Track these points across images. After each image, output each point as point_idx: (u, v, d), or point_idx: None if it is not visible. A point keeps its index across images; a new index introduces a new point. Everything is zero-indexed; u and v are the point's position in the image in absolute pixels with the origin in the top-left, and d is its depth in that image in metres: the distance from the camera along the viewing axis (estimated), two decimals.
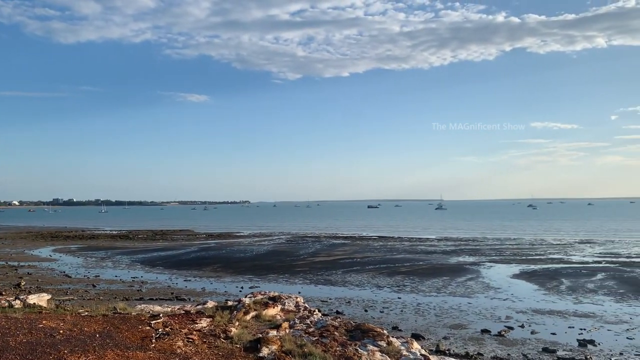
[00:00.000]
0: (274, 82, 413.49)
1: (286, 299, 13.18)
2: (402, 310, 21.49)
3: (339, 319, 11.45)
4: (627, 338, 17.07)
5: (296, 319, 11.09)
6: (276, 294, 13.73)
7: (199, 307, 12.61)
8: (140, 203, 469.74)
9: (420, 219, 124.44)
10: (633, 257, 39.41)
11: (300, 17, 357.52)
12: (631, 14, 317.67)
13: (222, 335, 9.88)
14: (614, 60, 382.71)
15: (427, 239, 60.39)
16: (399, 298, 24.15)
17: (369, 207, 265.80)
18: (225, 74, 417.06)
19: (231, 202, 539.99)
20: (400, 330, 17.85)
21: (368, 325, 9.89)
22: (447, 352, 15.32)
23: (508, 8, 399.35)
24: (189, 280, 30.20)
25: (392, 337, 9.47)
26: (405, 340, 9.16)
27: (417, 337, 16.86)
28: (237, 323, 10.93)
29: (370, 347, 8.70)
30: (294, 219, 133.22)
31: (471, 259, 39.08)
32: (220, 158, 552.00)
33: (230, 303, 12.96)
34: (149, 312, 11.88)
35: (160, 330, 9.85)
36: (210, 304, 13.02)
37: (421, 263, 36.61)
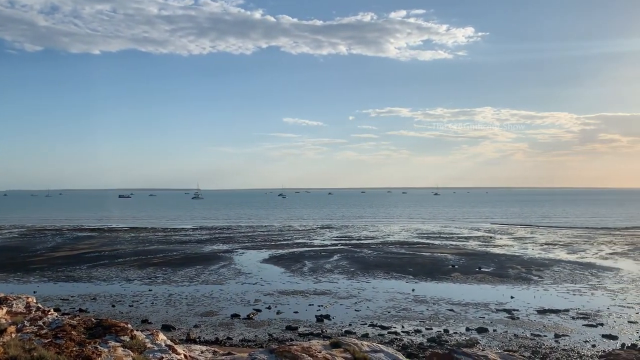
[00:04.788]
0: (7, 52, 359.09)
1: (14, 299, 11.52)
2: (153, 303, 20.87)
3: (78, 317, 10.49)
4: (355, 310, 19.60)
5: (26, 322, 9.78)
6: (2, 295, 11.91)
7: None
8: None
9: (176, 209, 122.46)
10: (362, 240, 45.42)
11: None
12: (367, 27, 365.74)
13: None
14: (353, 67, 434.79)
15: (182, 228, 59.79)
16: (150, 290, 23.37)
17: (120, 196, 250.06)
18: None
19: None
20: (150, 323, 17.32)
21: (111, 320, 9.28)
22: (198, 339, 15.43)
23: (265, 6, 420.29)
24: None
25: (138, 330, 9.07)
26: (150, 333, 8.86)
27: (167, 328, 16.61)
28: None
29: (112, 343, 8.18)
30: (30, 210, 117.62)
31: (225, 247, 40.02)
32: None
33: None
34: None
35: None
36: None
37: (175, 253, 36.07)
